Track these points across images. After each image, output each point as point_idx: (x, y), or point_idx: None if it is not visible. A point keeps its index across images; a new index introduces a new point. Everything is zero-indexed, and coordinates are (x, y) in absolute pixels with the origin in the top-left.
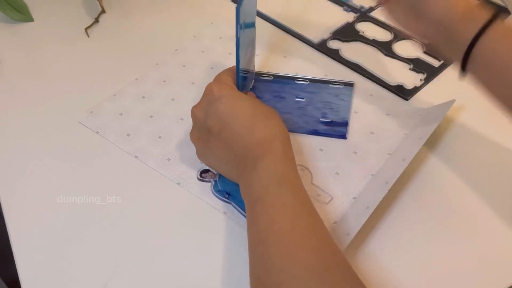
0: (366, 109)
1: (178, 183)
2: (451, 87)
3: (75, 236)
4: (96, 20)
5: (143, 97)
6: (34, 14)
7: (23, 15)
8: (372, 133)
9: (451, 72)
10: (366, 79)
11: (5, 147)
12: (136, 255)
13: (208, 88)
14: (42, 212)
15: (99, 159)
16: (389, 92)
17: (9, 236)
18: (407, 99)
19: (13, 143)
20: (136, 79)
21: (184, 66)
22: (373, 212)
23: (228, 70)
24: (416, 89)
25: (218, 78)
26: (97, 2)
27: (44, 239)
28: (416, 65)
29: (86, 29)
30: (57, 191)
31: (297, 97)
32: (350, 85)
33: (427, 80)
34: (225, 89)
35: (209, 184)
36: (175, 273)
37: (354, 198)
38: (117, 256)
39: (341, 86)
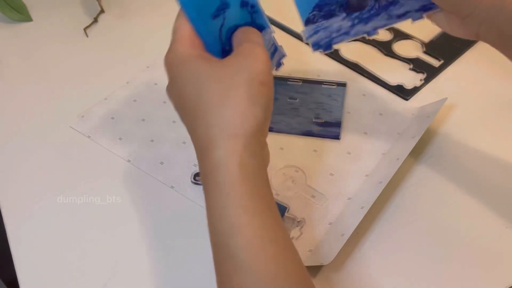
0: (359, 109)
1: (172, 187)
2: (451, 87)
3: (74, 236)
4: (95, 20)
5: (135, 101)
6: (33, 14)
7: (21, 15)
8: (365, 133)
9: (451, 72)
10: (361, 78)
11: (3, 147)
12: (135, 256)
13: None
14: (41, 212)
15: (94, 161)
16: (382, 91)
17: (7, 236)
18: (407, 99)
19: (11, 143)
20: (127, 82)
21: None
22: (364, 217)
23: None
24: (416, 89)
25: (172, 41)
26: (96, 2)
27: (42, 239)
28: (416, 65)
29: (85, 29)
30: (57, 191)
31: (289, 98)
32: (342, 85)
33: (427, 80)
34: (170, 65)
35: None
36: (173, 273)
37: (349, 198)
38: (116, 256)
39: (334, 86)
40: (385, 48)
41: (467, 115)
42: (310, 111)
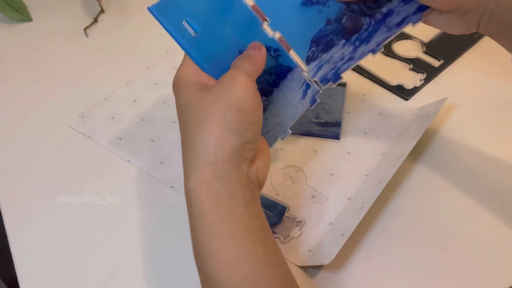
0: (359, 109)
1: (172, 187)
2: (451, 87)
3: (74, 236)
4: (95, 20)
5: (135, 101)
6: (33, 14)
7: (22, 15)
8: (365, 133)
9: (451, 72)
10: (361, 78)
11: (3, 147)
12: (135, 256)
13: None
14: (41, 212)
15: (94, 161)
16: (382, 91)
17: (7, 236)
18: (406, 99)
19: (11, 144)
20: (127, 82)
21: (175, 68)
22: (364, 217)
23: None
24: (416, 89)
25: (179, 66)
26: (96, 2)
27: (42, 239)
28: (416, 65)
29: (85, 29)
30: (57, 191)
31: None
32: (342, 85)
33: (427, 80)
34: (173, 90)
35: None
36: (173, 273)
37: (349, 198)
38: (116, 256)
39: (334, 86)
40: (385, 48)
41: (467, 115)
42: (310, 111)
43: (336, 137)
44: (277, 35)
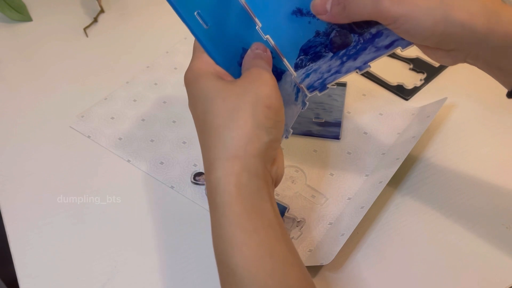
0: (359, 109)
1: (172, 187)
2: (451, 87)
3: (74, 236)
4: (95, 20)
5: (134, 100)
6: (32, 14)
7: (21, 15)
8: (365, 133)
9: (451, 72)
10: (361, 78)
11: (3, 147)
12: (134, 256)
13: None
14: (41, 212)
15: (94, 161)
16: (382, 91)
17: (7, 236)
18: (406, 99)
19: (11, 143)
20: (127, 82)
21: (175, 68)
22: (364, 217)
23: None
24: (416, 89)
25: (191, 59)
26: (96, 2)
27: (42, 239)
28: (416, 64)
29: (85, 29)
30: (57, 191)
31: None
32: (342, 85)
33: (427, 80)
34: (187, 82)
35: (202, 187)
36: (173, 273)
37: (349, 198)
38: (116, 256)
39: (334, 86)
40: None
41: (467, 115)
42: (310, 111)
43: (336, 137)
44: (270, 41)
